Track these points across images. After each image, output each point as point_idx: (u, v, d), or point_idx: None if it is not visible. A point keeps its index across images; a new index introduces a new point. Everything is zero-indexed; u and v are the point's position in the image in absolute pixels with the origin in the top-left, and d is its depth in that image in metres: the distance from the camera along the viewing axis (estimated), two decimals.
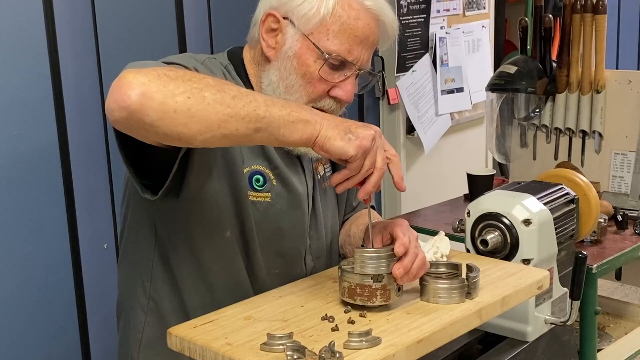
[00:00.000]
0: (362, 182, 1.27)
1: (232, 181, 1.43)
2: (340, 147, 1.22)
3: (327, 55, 1.40)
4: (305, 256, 1.55)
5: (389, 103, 3.06)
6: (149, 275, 1.49)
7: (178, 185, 1.32)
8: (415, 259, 1.28)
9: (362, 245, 1.33)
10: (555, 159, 2.44)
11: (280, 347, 1.09)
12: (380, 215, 2.70)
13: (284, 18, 1.43)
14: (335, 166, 1.60)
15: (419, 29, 3.05)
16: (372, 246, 1.32)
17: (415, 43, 3.04)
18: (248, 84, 1.49)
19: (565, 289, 1.63)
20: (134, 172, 1.32)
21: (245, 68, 1.50)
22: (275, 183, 1.48)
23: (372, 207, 1.73)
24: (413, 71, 3.05)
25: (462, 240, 1.62)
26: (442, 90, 3.17)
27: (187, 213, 1.42)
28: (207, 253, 1.45)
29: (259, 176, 1.47)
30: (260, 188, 1.47)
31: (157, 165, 1.29)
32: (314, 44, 1.40)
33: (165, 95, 1.12)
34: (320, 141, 1.22)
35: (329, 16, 1.40)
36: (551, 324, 1.56)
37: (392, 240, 1.32)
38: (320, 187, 1.59)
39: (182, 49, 2.28)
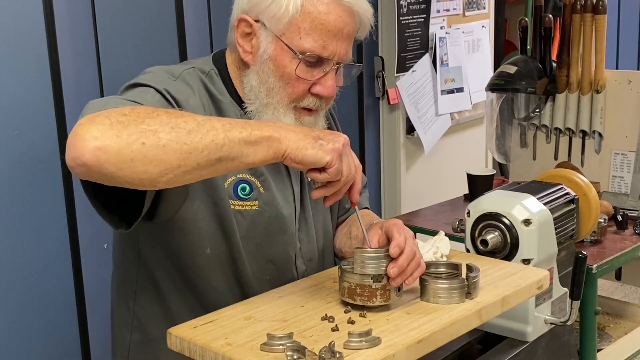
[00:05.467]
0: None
1: (214, 195, 1.41)
2: (314, 154, 1.19)
3: (300, 56, 1.38)
4: (296, 260, 1.54)
5: (389, 103, 3.06)
6: (133, 293, 1.49)
7: (152, 211, 1.30)
8: (412, 258, 1.26)
9: None
10: (555, 159, 2.44)
11: (280, 347, 1.09)
12: (380, 216, 2.70)
13: (256, 21, 1.41)
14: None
15: (419, 29, 3.05)
16: (370, 246, 1.31)
17: (415, 43, 3.05)
18: (232, 88, 1.48)
19: (565, 289, 1.63)
20: (102, 208, 1.29)
21: (228, 72, 1.49)
22: (262, 191, 1.46)
23: (367, 207, 1.72)
24: (413, 71, 3.05)
25: (462, 240, 1.62)
26: (442, 90, 3.17)
27: (167, 234, 1.41)
28: (190, 271, 1.44)
29: (244, 185, 1.45)
30: (247, 197, 1.45)
31: (127, 195, 1.25)
32: (286, 44, 1.38)
33: (119, 146, 1.10)
34: (292, 153, 1.19)
35: (299, 14, 1.37)
36: (551, 324, 1.56)
37: (389, 241, 1.31)
38: (310, 189, 1.58)
39: (182, 49, 2.28)
